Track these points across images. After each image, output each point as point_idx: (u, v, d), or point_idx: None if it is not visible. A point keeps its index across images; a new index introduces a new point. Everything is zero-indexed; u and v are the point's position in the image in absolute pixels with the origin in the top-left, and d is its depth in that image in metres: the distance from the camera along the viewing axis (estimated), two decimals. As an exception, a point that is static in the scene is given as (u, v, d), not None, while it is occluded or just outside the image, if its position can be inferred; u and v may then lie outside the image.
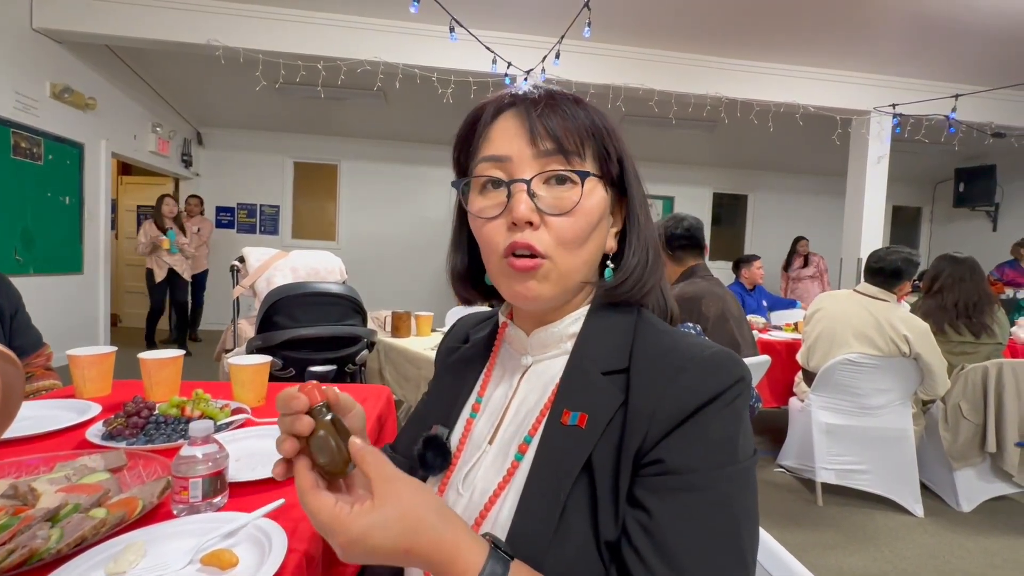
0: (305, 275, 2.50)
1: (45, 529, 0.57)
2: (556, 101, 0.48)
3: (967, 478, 2.25)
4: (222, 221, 6.71)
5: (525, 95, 0.49)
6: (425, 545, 0.38)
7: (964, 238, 7.54)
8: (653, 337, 0.48)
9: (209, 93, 5.66)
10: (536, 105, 0.48)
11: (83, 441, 0.91)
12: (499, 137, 0.49)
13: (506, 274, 0.48)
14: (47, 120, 4.01)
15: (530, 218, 0.46)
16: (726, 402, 0.43)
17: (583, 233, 0.47)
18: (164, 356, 1.16)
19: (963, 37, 4.16)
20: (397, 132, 6.50)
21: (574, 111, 0.48)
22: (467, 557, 0.38)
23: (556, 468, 0.45)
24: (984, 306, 2.33)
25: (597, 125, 0.49)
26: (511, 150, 0.47)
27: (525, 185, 0.46)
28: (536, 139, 0.46)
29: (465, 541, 0.39)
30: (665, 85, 4.63)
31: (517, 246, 0.46)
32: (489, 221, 0.48)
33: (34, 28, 3.87)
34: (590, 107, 0.50)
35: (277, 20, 4.15)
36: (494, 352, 0.59)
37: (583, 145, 0.48)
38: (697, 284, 1.81)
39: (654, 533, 0.40)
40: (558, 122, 0.47)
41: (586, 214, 0.47)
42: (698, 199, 7.58)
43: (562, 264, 0.47)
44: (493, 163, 0.48)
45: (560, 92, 0.50)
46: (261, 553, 0.59)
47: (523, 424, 0.50)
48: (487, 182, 0.48)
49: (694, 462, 0.41)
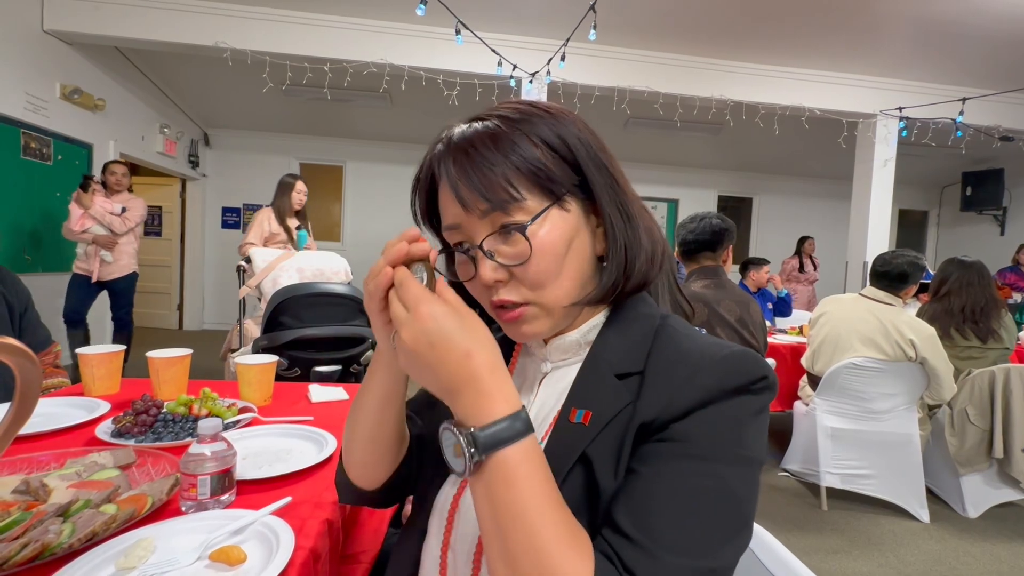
0: (311, 276, 2.51)
1: (57, 524, 0.58)
2: (470, 154, 0.45)
3: (974, 484, 2.24)
4: (228, 222, 6.74)
5: (444, 151, 0.47)
6: (484, 360, 0.39)
7: (971, 242, 7.48)
8: (673, 341, 0.48)
9: (216, 95, 5.70)
10: (453, 166, 0.46)
11: (93, 438, 0.92)
12: (445, 204, 0.48)
13: (503, 325, 0.50)
14: (56, 121, 4.05)
15: (496, 277, 0.47)
16: (743, 395, 0.43)
17: (552, 269, 0.46)
18: (172, 355, 1.17)
19: (970, 40, 4.14)
20: (402, 134, 6.52)
21: (493, 156, 0.44)
22: (508, 396, 0.39)
23: (554, 465, 0.45)
24: (991, 311, 2.31)
25: (525, 157, 0.45)
26: (458, 217, 0.47)
27: (480, 251, 0.47)
28: (468, 206, 0.45)
29: (511, 386, 0.40)
30: (670, 88, 4.63)
31: (497, 303, 0.48)
32: (471, 283, 0.50)
33: (45, 30, 3.91)
34: (516, 130, 0.46)
35: (284, 22, 4.18)
36: (514, 357, 0.59)
37: (515, 189, 0.44)
38: (686, 288, 1.81)
39: (633, 493, 0.41)
40: (480, 179, 0.44)
41: (546, 252, 0.46)
42: (703, 202, 7.56)
43: (545, 302, 0.47)
44: (452, 231, 0.49)
45: (475, 133, 0.46)
46: (269, 550, 0.59)
47: (538, 430, 0.51)
48: (454, 250, 0.50)
49: (695, 436, 0.42)
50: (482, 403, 0.38)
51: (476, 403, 0.39)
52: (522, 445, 0.38)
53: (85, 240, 3.66)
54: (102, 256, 3.72)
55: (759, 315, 1.85)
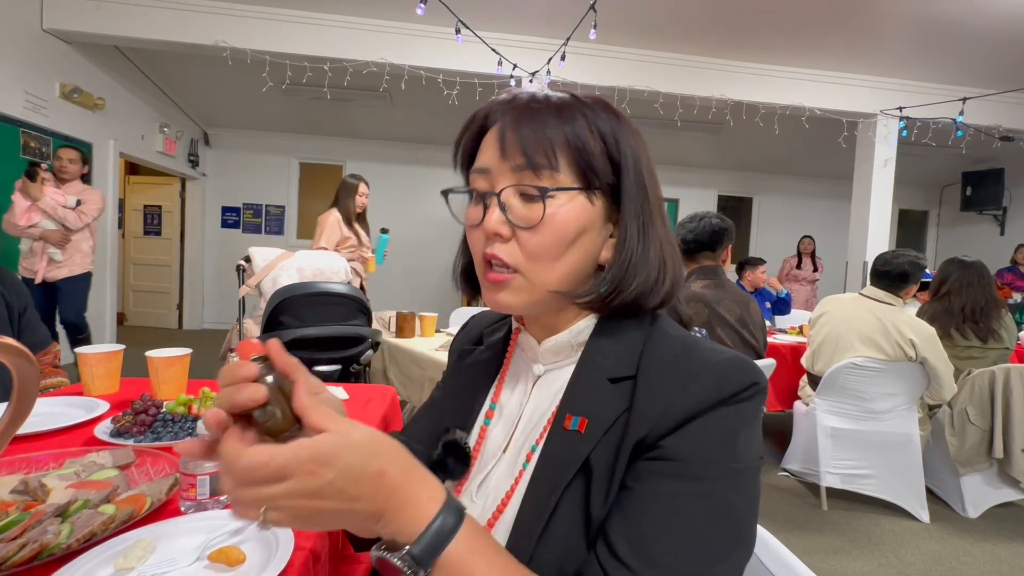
0: (311, 275, 2.51)
1: (55, 524, 0.57)
2: (533, 111, 0.47)
3: (974, 484, 2.24)
4: (228, 221, 6.74)
5: (509, 102, 0.49)
6: (399, 468, 0.35)
7: (971, 242, 7.48)
8: (664, 344, 0.48)
9: (216, 94, 5.70)
10: (511, 115, 0.47)
11: (92, 438, 0.91)
12: (485, 148, 0.49)
13: (483, 282, 0.50)
14: (56, 120, 4.04)
15: (498, 230, 0.46)
16: (734, 403, 0.43)
17: (554, 248, 0.46)
18: (171, 354, 1.17)
19: (970, 40, 4.14)
20: (402, 133, 6.52)
21: (552, 121, 0.46)
22: (432, 490, 0.36)
23: (552, 472, 0.45)
24: (991, 311, 2.31)
25: (578, 135, 0.46)
26: (491, 162, 0.48)
27: (496, 198, 0.47)
28: (507, 153, 0.46)
29: (431, 478, 0.37)
30: (670, 87, 4.63)
31: (488, 256, 0.47)
32: (473, 229, 0.49)
33: (44, 29, 3.91)
34: (582, 112, 0.47)
35: (284, 21, 4.18)
36: (507, 358, 0.59)
37: (555, 157, 0.46)
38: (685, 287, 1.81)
39: (629, 515, 0.40)
40: (529, 134, 0.46)
41: (554, 229, 0.46)
42: (703, 202, 7.55)
43: (534, 278, 0.47)
44: (479, 175, 0.49)
45: (546, 98, 0.48)
46: (268, 551, 0.59)
47: (532, 433, 0.50)
48: (473, 192, 0.50)
49: (688, 453, 0.41)
50: (408, 514, 0.35)
51: (401, 517, 0.35)
52: (461, 536, 0.36)
53: (31, 236, 3.28)
54: (50, 254, 3.34)
55: (759, 314, 1.85)
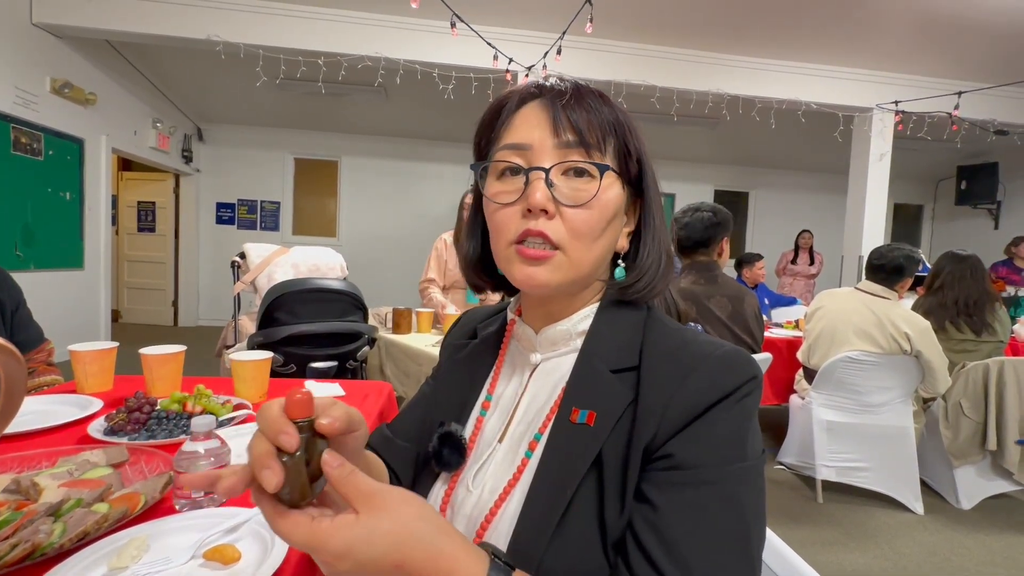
0: (306, 271, 2.49)
1: (48, 524, 0.57)
2: (582, 94, 0.49)
3: (967, 476, 2.26)
4: (222, 217, 6.71)
5: (552, 86, 0.50)
6: (419, 558, 0.34)
7: (966, 236, 7.52)
8: (663, 335, 0.48)
9: (210, 89, 5.65)
10: (562, 96, 0.48)
11: (85, 436, 0.91)
12: (522, 125, 0.49)
13: (513, 260, 0.48)
14: (47, 115, 4.00)
15: (546, 206, 0.45)
16: (736, 399, 0.43)
17: (598, 227, 0.47)
18: (166, 351, 1.16)
19: (966, 34, 4.15)
20: (398, 128, 6.49)
21: (599, 105, 0.48)
22: (465, 570, 0.35)
23: (563, 466, 0.45)
24: (985, 304, 2.33)
25: (620, 122, 0.49)
26: (532, 138, 0.47)
27: (544, 173, 0.46)
28: (559, 129, 0.46)
29: (463, 552, 0.36)
30: (666, 82, 4.62)
31: (530, 233, 0.46)
32: (504, 207, 0.48)
33: (34, 23, 3.86)
34: (615, 104, 0.50)
35: (278, 15, 4.14)
36: (503, 349, 0.58)
37: (604, 140, 0.48)
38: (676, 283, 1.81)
39: (660, 528, 0.40)
40: (582, 114, 0.47)
41: (602, 208, 0.47)
42: (699, 196, 7.51)
43: (574, 256, 0.47)
44: (514, 150, 0.48)
45: (586, 87, 0.50)
46: (263, 548, 0.59)
47: (533, 422, 0.50)
48: (506, 168, 0.48)
49: (702, 458, 0.41)
50: None
51: None
52: None
53: None
54: None
55: (754, 307, 1.83)
